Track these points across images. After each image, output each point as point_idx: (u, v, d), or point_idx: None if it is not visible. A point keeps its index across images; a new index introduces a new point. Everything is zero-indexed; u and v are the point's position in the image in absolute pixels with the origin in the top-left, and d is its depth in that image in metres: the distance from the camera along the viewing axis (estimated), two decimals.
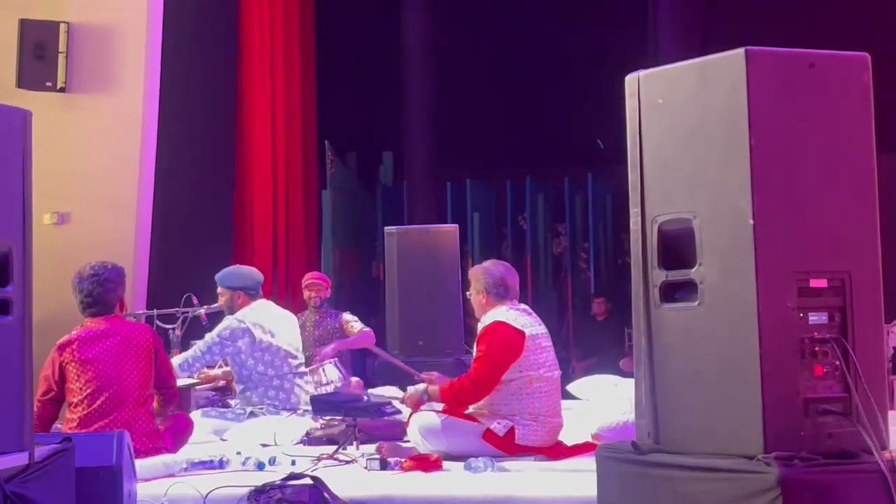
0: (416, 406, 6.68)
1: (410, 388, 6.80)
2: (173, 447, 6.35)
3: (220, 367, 8.38)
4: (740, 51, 4.14)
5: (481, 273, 6.74)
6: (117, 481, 4.83)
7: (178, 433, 6.53)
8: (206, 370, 8.27)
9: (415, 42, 14.61)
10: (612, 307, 13.50)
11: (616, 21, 14.33)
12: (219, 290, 8.04)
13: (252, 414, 7.65)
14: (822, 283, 4.18)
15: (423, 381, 6.83)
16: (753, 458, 3.98)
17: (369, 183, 16.07)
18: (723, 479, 4.04)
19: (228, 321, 7.81)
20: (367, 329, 9.78)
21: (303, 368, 8.04)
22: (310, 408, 7.73)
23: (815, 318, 4.16)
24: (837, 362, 4.16)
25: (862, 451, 4.07)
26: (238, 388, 7.88)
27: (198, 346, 7.76)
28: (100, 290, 6.20)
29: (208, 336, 7.78)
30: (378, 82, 15.34)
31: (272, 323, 7.89)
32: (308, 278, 10.24)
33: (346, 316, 9.97)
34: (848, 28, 12.76)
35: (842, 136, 4.24)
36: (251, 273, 8.20)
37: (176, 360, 7.67)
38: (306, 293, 10.08)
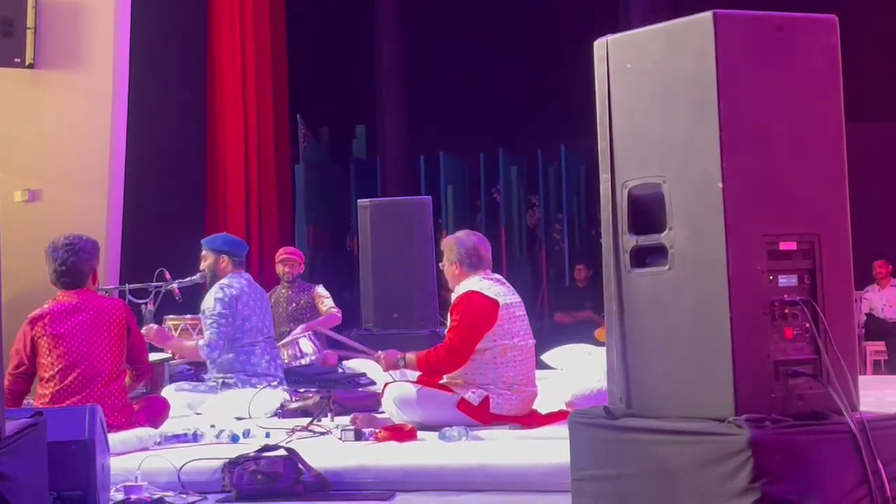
0: (389, 365, 6.70)
1: (388, 350, 6.80)
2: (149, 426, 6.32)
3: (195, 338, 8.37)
4: (708, 14, 4.12)
5: (454, 243, 6.75)
6: (90, 455, 4.81)
7: (154, 415, 6.49)
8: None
9: (386, 15, 14.57)
10: (594, 274, 13.56)
11: None
12: (203, 252, 8.00)
13: (225, 384, 7.62)
14: (791, 245, 4.18)
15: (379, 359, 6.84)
16: (724, 420, 3.99)
17: (342, 157, 16.03)
18: (694, 441, 4.05)
19: (221, 291, 7.72)
20: (335, 310, 9.76)
21: (273, 340, 8.02)
22: (282, 376, 7.74)
23: (785, 280, 4.17)
24: (807, 324, 4.17)
25: (832, 412, 4.09)
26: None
27: (211, 328, 7.65)
28: (74, 259, 6.16)
29: (211, 313, 7.67)
30: (350, 55, 15.30)
31: (253, 293, 7.88)
32: (282, 253, 10.22)
33: (319, 290, 9.96)
34: None
35: (810, 98, 4.24)
36: (238, 241, 8.20)
37: (200, 342, 7.64)
38: (280, 268, 10.06)
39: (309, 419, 6.65)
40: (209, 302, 7.74)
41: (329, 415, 6.76)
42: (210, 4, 12.56)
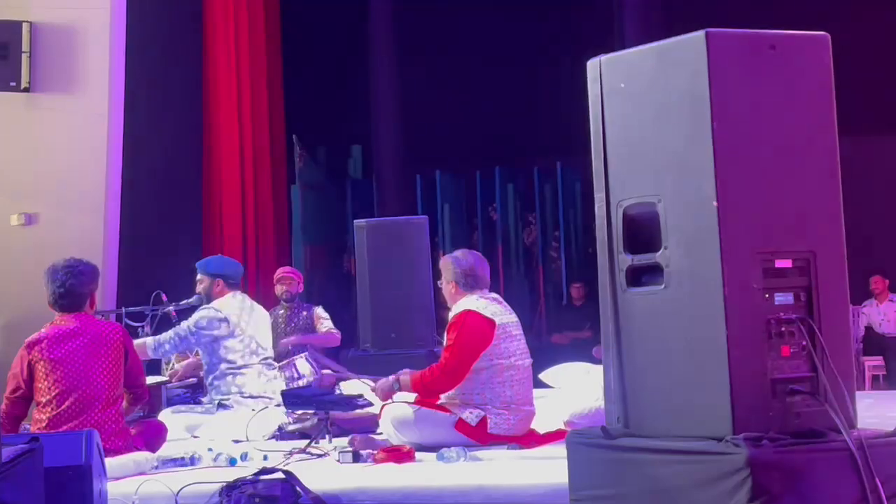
0: (386, 396, 6.67)
1: (381, 379, 6.79)
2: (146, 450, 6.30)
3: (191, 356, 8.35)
4: (701, 33, 4.13)
5: (451, 263, 6.74)
6: (87, 480, 4.81)
7: (151, 438, 6.47)
8: (175, 363, 8.26)
9: (381, 34, 14.58)
10: (590, 292, 13.54)
11: (580, 5, 14.34)
12: (198, 276, 8.00)
13: (221, 405, 7.62)
14: (786, 263, 4.19)
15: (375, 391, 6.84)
16: (722, 439, 3.99)
17: (338, 177, 16.03)
18: (692, 461, 4.04)
19: (205, 311, 7.74)
20: (335, 330, 9.79)
21: (271, 361, 8.00)
22: (278, 398, 7.72)
23: (781, 298, 4.17)
24: (804, 342, 4.17)
25: (830, 430, 4.08)
26: (207, 378, 7.84)
27: (174, 331, 7.70)
28: (73, 282, 6.14)
29: (185, 324, 7.73)
30: (345, 76, 15.31)
31: (246, 315, 7.86)
32: (280, 273, 10.23)
33: (319, 311, 9.97)
34: (809, 8, 12.82)
35: (804, 116, 4.25)
36: (233, 263, 8.20)
37: (149, 339, 7.64)
38: (278, 287, 10.07)
39: (307, 441, 6.63)
40: (193, 315, 7.76)
41: (327, 436, 6.74)
42: (205, 26, 12.59)
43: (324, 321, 9.88)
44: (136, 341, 7.53)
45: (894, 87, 13.57)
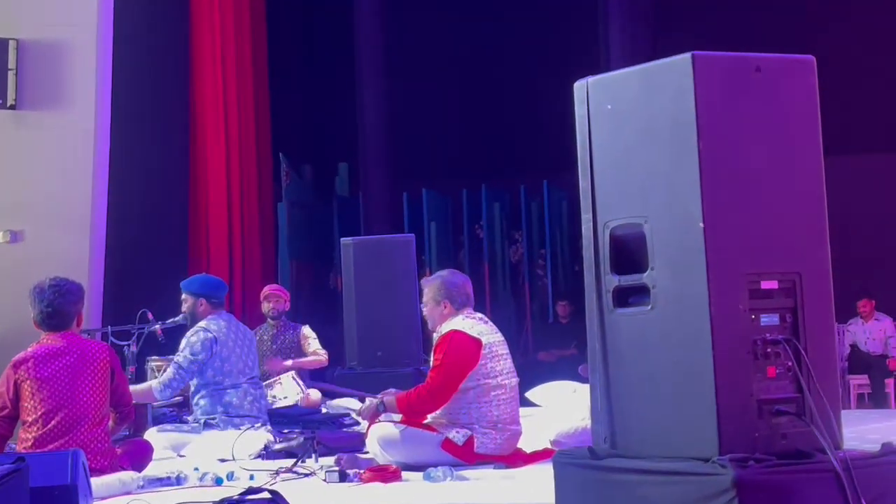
0: (372, 418, 6.67)
1: (367, 401, 6.78)
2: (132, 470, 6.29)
3: None
4: (687, 55, 4.16)
5: (439, 283, 6.72)
6: (73, 500, 4.80)
7: (137, 458, 6.45)
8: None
9: (368, 53, 14.60)
10: (576, 310, 13.54)
11: (566, 26, 14.40)
12: (183, 296, 7.97)
13: (207, 424, 7.59)
14: (772, 284, 4.21)
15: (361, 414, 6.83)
16: (709, 460, 4.00)
17: (325, 195, 16.02)
18: (679, 482, 4.05)
19: (196, 335, 7.69)
20: (322, 352, 9.79)
21: (257, 380, 7.99)
22: (266, 417, 7.71)
23: (767, 319, 4.19)
24: (790, 363, 4.19)
25: (816, 450, 4.10)
26: (193, 397, 7.81)
27: (175, 368, 7.62)
28: (61, 301, 6.11)
29: (180, 356, 7.65)
30: (332, 94, 15.33)
31: (232, 334, 7.84)
32: (267, 290, 10.23)
33: (306, 331, 9.96)
34: (794, 30, 12.89)
35: (789, 138, 4.28)
36: (217, 282, 8.16)
37: (154, 383, 7.60)
38: (265, 305, 10.06)
39: (293, 460, 6.63)
40: (181, 343, 7.74)
41: (313, 456, 6.73)
42: (192, 44, 12.60)
43: (311, 341, 9.88)
44: (141, 386, 7.53)
45: (884, 105, 13.62)
